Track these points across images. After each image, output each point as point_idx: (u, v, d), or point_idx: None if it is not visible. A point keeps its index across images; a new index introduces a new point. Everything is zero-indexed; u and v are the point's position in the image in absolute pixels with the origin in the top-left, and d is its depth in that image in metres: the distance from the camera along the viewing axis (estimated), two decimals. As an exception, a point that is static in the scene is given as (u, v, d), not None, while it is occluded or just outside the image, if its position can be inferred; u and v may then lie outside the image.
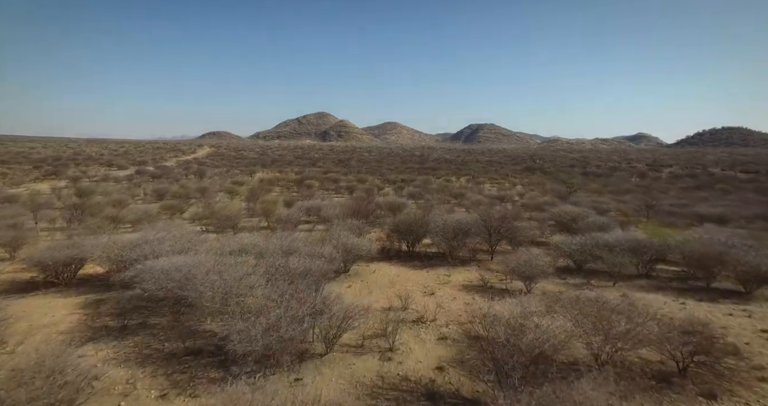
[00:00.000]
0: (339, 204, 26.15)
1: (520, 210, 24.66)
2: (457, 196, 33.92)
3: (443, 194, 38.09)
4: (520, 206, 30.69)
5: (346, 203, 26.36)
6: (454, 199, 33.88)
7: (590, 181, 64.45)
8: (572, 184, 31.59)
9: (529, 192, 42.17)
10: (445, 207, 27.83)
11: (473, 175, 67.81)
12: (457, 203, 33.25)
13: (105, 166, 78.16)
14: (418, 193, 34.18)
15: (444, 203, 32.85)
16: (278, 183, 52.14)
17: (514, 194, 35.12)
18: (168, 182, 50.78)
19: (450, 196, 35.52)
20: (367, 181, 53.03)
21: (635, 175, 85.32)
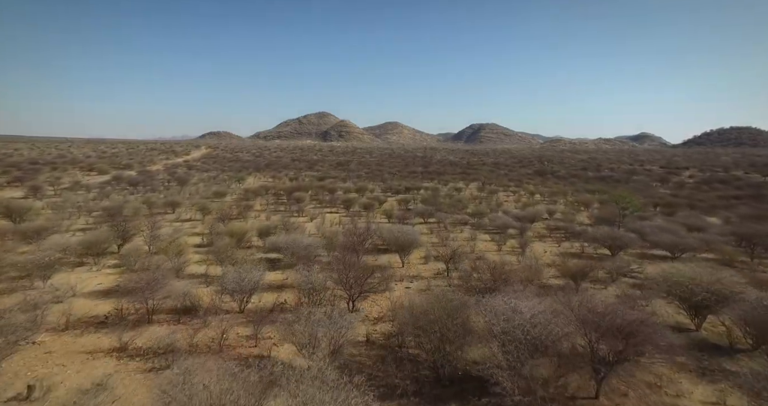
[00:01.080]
0: (327, 235, 19.97)
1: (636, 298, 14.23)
2: (475, 215, 27.98)
3: (456, 210, 32.17)
4: (568, 235, 24.59)
5: (335, 234, 20.36)
6: (471, 218, 27.97)
7: (609, 187, 58.48)
8: (631, 204, 24.70)
9: (556, 205, 36.13)
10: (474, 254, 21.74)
11: (483, 182, 61.88)
12: (475, 222, 27.29)
13: (85, 170, 72.61)
14: (427, 211, 28.28)
15: (461, 224, 26.96)
16: (268, 192, 46.30)
17: (541, 211, 29.17)
18: (142, 191, 45.08)
19: (466, 214, 29.54)
20: (366, 190, 47.15)
21: (655, 180, 79.41)
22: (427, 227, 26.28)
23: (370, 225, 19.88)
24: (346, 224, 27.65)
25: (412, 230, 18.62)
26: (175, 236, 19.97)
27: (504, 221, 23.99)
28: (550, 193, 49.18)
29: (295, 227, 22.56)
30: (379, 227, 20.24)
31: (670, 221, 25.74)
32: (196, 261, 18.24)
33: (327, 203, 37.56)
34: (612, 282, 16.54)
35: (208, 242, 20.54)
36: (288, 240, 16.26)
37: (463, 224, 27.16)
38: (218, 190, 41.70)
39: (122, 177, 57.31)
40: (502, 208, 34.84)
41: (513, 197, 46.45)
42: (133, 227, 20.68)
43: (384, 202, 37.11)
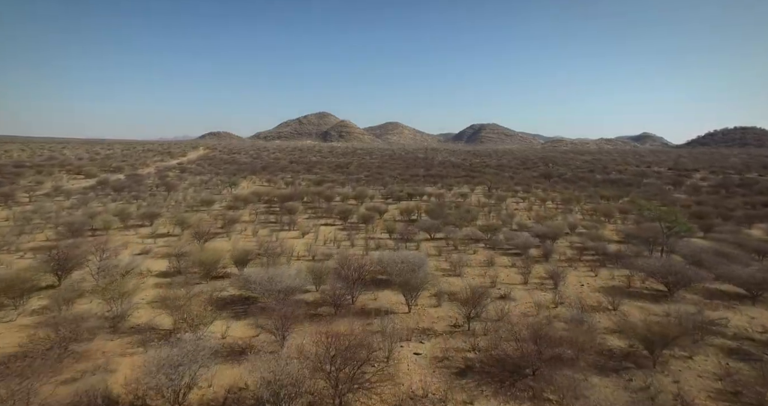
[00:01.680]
0: (315, 269, 16.14)
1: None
2: (487, 230, 24.66)
3: (465, 222, 28.88)
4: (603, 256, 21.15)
5: (326, 263, 16.93)
6: (484, 234, 24.67)
7: (622, 192, 55.18)
8: (677, 222, 19.88)
9: (572, 214, 32.77)
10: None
11: (489, 187, 58.61)
12: (489, 239, 23.97)
13: (72, 173, 69.46)
14: (433, 226, 24.97)
15: (473, 241, 23.65)
16: (260, 199, 43.08)
17: (562, 225, 25.80)
18: (127, 197, 41.88)
19: (478, 228, 26.20)
20: (366, 197, 43.93)
21: (667, 183, 76.02)
22: (434, 246, 22.95)
23: (366, 257, 16.46)
24: (343, 240, 24.40)
25: (418, 258, 15.30)
26: (134, 264, 16.54)
27: (523, 240, 20.65)
28: (562, 199, 45.91)
29: (279, 252, 19.16)
30: (380, 253, 16.76)
31: (714, 238, 22.42)
32: (150, 300, 14.39)
33: (323, 212, 34.31)
34: (696, 345, 11.70)
35: (175, 270, 17.24)
36: (264, 277, 12.89)
37: (474, 241, 23.85)
38: (206, 198, 38.45)
39: (108, 182, 54.18)
40: (515, 219, 31.56)
41: (523, 205, 43.17)
42: (85, 251, 17.28)
43: (385, 211, 33.85)
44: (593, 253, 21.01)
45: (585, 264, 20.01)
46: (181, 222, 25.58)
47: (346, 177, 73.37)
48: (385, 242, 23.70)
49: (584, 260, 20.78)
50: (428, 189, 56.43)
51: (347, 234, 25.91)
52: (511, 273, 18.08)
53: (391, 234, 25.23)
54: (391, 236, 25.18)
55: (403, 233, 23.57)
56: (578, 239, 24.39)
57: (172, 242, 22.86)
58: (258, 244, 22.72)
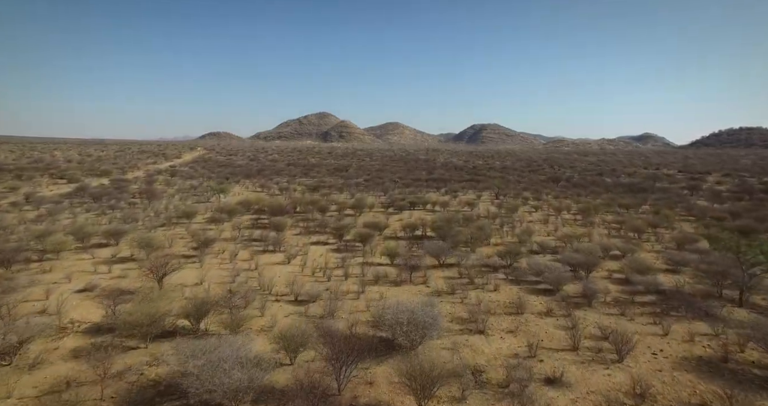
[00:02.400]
0: (290, 337, 11.36)
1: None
2: (506, 255, 20.77)
3: (479, 241, 25.05)
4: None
5: (303, 330, 12.28)
6: (502, 259, 20.81)
7: (640, 199, 51.32)
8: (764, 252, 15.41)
9: (594, 228, 28.77)
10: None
11: (497, 193, 54.79)
12: (509, 268, 20.10)
13: (55, 178, 65.72)
14: (442, 249, 21.06)
15: (490, 269, 19.77)
16: (249, 209, 39.31)
17: (594, 249, 21.71)
18: (105, 207, 38.06)
19: (495, 251, 22.31)
20: (365, 206, 40.12)
21: (682, 187, 72.09)
22: (444, 276, 19.03)
23: (354, 326, 12.42)
24: (335, 267, 20.55)
25: (429, 315, 11.35)
26: (47, 323, 12.47)
27: (555, 275, 16.69)
28: (579, 209, 42.08)
29: (251, 295, 15.16)
30: (380, 308, 12.66)
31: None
32: (60, 376, 10.17)
33: (315, 226, 30.48)
34: None
35: (110, 324, 13.21)
36: (208, 367, 8.86)
37: (492, 269, 19.95)
38: (187, 210, 34.62)
39: (87, 188, 50.38)
40: (534, 236, 27.72)
41: (537, 215, 39.36)
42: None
43: (385, 227, 30.00)
44: (647, 293, 16.76)
45: (642, 311, 15.21)
46: (146, 244, 21.74)
47: (345, 181, 69.60)
48: (385, 269, 19.87)
49: (638, 302, 16.06)
50: (432, 196, 52.62)
51: (341, 258, 22.10)
52: (550, 328, 13.61)
53: (392, 259, 21.39)
54: (393, 261, 21.35)
55: (406, 261, 19.73)
56: (616, 266, 20.44)
57: (131, 271, 19.04)
58: (233, 274, 18.92)
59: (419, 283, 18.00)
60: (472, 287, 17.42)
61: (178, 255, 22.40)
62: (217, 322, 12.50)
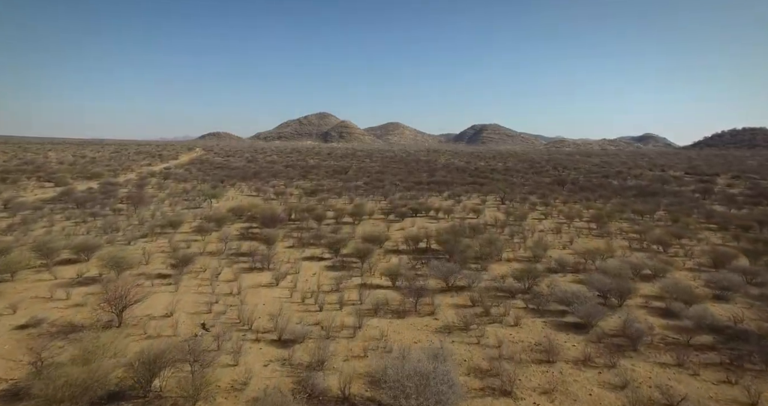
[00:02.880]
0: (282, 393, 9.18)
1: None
2: (523, 277, 18.24)
3: (490, 257, 22.54)
4: None
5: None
6: (520, 282, 18.30)
7: (653, 204, 48.81)
8: None
9: (614, 240, 26.14)
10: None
11: (503, 198, 52.29)
12: (527, 293, 17.60)
13: (42, 181, 63.23)
14: (450, 270, 18.52)
15: (506, 295, 17.24)
16: (241, 216, 36.87)
17: (623, 269, 19.06)
18: (78, 217, 35.52)
19: (510, 271, 19.81)
20: (364, 214, 37.62)
21: (692, 190, 69.56)
22: (453, 304, 16.46)
23: (348, 385, 9.89)
24: (329, 291, 18.04)
25: (445, 382, 8.82)
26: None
27: (587, 309, 14.04)
28: (591, 216, 39.58)
29: (225, 334, 12.62)
30: (381, 368, 10.02)
31: None
32: None
33: (310, 237, 27.97)
34: None
35: (25, 390, 9.87)
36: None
37: (509, 294, 17.42)
38: (173, 219, 32.13)
39: (73, 193, 47.91)
40: (549, 249, 25.20)
41: (547, 223, 36.87)
42: None
43: (386, 238, 27.48)
44: (692, 324, 14.11)
45: (705, 360, 12.00)
46: (116, 263, 19.22)
47: (344, 184, 67.12)
48: (386, 294, 17.38)
49: (695, 346, 12.84)
50: (434, 200, 50.16)
51: (336, 278, 19.59)
52: (594, 386, 10.49)
53: (394, 281, 18.87)
54: (394, 282, 18.83)
55: (410, 284, 17.23)
56: (650, 290, 17.86)
57: (93, 296, 16.50)
58: (211, 301, 16.41)
59: (426, 313, 15.47)
60: (488, 319, 14.87)
61: (153, 274, 19.91)
62: (175, 379, 9.97)
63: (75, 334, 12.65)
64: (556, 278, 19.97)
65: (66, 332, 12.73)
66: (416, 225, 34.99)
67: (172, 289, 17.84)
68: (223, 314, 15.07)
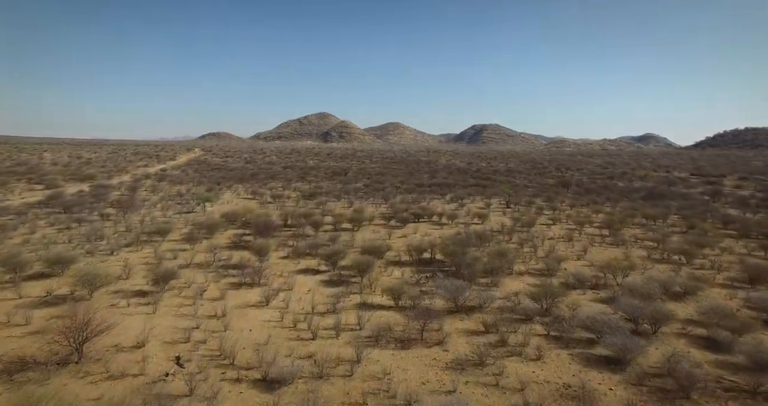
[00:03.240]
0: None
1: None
2: (541, 297, 16.26)
3: (501, 270, 20.68)
4: None
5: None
6: (537, 302, 16.38)
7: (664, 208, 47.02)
8: None
9: (629, 248, 24.18)
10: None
11: (508, 202, 50.41)
12: (546, 316, 15.69)
13: (32, 183, 61.34)
14: (459, 289, 16.62)
15: (523, 318, 15.30)
16: (235, 222, 35.08)
17: (652, 289, 17.00)
18: (63, 222, 33.63)
19: (519, 282, 17.92)
20: (364, 220, 35.72)
21: (701, 192, 67.67)
22: (464, 330, 14.58)
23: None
24: (325, 312, 16.17)
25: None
26: None
27: (622, 342, 12.06)
28: (603, 221, 37.74)
29: (200, 373, 10.75)
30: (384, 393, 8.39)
31: None
32: None
33: (306, 248, 26.09)
34: None
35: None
36: None
37: (525, 316, 15.53)
38: (161, 227, 30.23)
39: (61, 196, 46.04)
40: (565, 263, 23.35)
41: (557, 229, 35.02)
42: None
43: (387, 248, 25.59)
44: (747, 361, 11.83)
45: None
46: (89, 280, 17.33)
47: (343, 186, 65.28)
48: (388, 317, 15.53)
49: (763, 394, 10.60)
50: (437, 204, 48.30)
51: (333, 296, 17.75)
52: None
53: (397, 300, 16.98)
54: (398, 302, 16.95)
55: (414, 304, 15.36)
56: (684, 311, 15.94)
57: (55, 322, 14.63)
58: (191, 326, 14.55)
59: (434, 342, 13.59)
60: (506, 351, 12.98)
61: (131, 292, 18.05)
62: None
63: (23, 373, 10.79)
64: (574, 295, 18.10)
65: (12, 371, 10.85)
66: (419, 231, 33.17)
67: (150, 309, 15.98)
68: (203, 343, 13.20)
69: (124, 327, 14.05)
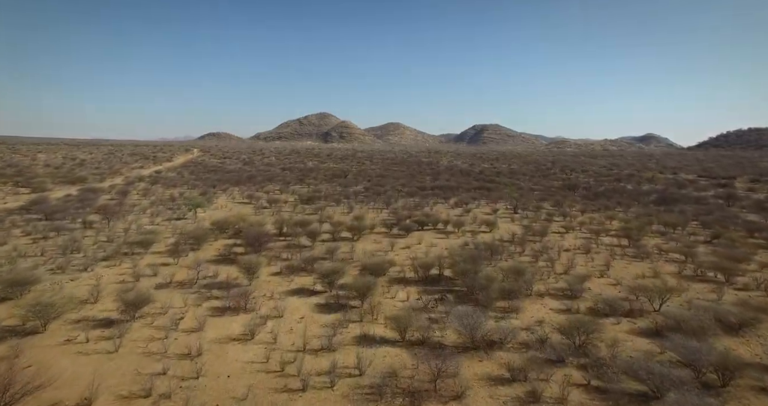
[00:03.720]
0: None
1: None
2: (570, 331, 13.80)
3: (518, 292, 18.27)
4: None
5: None
6: (565, 336, 13.96)
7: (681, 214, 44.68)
8: None
9: (653, 263, 21.73)
10: None
11: (515, 207, 47.97)
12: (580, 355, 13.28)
13: (20, 186, 58.95)
14: (472, 317, 14.16)
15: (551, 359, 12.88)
16: (225, 231, 32.70)
17: (705, 321, 14.42)
18: (40, 232, 31.20)
19: (540, 307, 15.50)
20: (364, 228, 33.26)
21: (713, 195, 65.22)
22: (488, 384, 12.00)
23: None
24: (319, 350, 13.77)
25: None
26: None
27: (689, 401, 9.75)
28: (619, 230, 35.34)
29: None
30: None
31: None
32: None
33: (301, 262, 23.66)
34: None
35: None
36: None
37: (556, 356, 13.12)
38: (144, 239, 27.79)
39: (45, 201, 43.64)
40: (588, 282, 20.93)
41: (571, 239, 32.61)
42: None
43: (390, 264, 23.15)
44: None
45: None
46: (41, 311, 14.88)
47: (343, 190, 62.91)
48: (392, 357, 13.12)
49: None
50: (441, 210, 45.91)
51: (329, 327, 15.35)
52: None
53: (403, 333, 14.55)
54: (404, 335, 14.53)
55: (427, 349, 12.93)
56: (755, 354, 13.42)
57: None
58: (157, 372, 12.13)
59: (450, 395, 11.12)
60: None
61: (96, 321, 15.63)
62: None
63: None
64: (607, 324, 15.64)
65: None
66: (423, 241, 30.77)
67: (113, 345, 13.54)
68: (167, 399, 10.76)
69: (72, 376, 11.61)
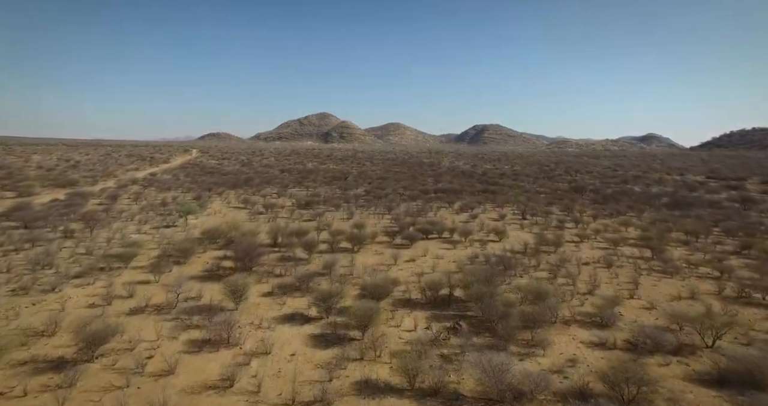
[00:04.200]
0: None
1: None
2: (616, 379, 11.43)
3: (542, 322, 15.88)
4: None
5: None
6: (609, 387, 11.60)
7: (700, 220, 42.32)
8: None
9: (684, 280, 19.26)
10: None
11: (523, 212, 45.50)
12: None
13: (6, 189, 56.60)
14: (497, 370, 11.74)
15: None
16: (215, 241, 30.34)
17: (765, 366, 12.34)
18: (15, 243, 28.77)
19: (570, 339, 13.11)
20: (365, 237, 30.79)
21: (726, 198, 62.73)
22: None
23: None
24: (313, 400, 11.38)
25: None
26: None
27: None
28: (638, 238, 32.95)
29: None
30: None
31: None
32: None
33: (295, 281, 21.25)
34: None
35: None
36: None
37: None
38: (126, 251, 25.35)
39: (26, 207, 41.23)
40: (616, 304, 18.50)
41: (588, 249, 30.17)
42: None
43: (394, 283, 20.72)
44: None
45: None
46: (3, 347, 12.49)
47: (343, 193, 60.49)
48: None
49: None
50: (446, 215, 43.46)
51: (325, 369, 12.94)
52: None
53: (412, 380, 12.14)
54: (413, 382, 12.11)
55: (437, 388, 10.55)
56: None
57: None
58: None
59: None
60: None
61: (46, 362, 13.22)
62: None
63: None
64: (653, 365, 13.23)
65: None
66: (429, 253, 28.33)
67: (58, 399, 11.11)
68: None
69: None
